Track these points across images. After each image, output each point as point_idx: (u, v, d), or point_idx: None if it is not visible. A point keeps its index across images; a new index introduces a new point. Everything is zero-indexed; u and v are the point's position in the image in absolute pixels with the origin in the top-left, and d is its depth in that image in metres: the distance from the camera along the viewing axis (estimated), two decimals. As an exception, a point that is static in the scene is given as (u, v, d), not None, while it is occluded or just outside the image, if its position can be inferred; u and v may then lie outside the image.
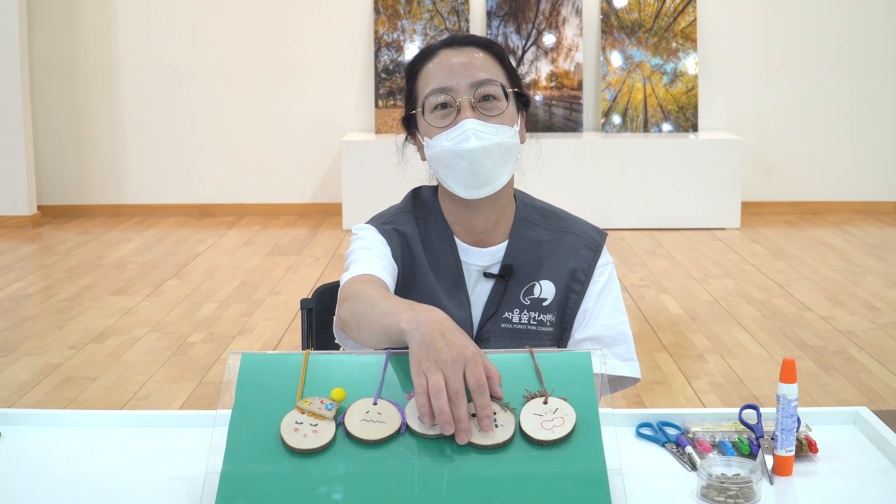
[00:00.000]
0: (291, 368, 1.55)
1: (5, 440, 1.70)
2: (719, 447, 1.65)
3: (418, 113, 1.93)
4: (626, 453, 1.57)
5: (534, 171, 2.05)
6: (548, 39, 7.53)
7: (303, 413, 1.49)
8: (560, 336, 1.95)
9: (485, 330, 1.93)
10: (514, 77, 1.95)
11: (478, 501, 1.40)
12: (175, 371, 4.36)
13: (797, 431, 1.60)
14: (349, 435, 1.47)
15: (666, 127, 7.53)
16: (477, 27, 7.57)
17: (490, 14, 7.53)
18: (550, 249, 1.96)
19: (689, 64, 7.54)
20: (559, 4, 7.51)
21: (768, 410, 1.68)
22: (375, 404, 1.50)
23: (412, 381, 1.48)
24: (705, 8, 7.60)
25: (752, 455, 1.62)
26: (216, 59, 7.62)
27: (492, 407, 1.47)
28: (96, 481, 1.56)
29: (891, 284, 5.72)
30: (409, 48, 7.52)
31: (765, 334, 4.83)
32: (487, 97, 1.88)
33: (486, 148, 1.85)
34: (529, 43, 7.52)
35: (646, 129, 7.53)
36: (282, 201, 7.76)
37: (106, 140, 7.70)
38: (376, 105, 7.55)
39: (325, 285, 2.22)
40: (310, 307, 2.18)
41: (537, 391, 1.52)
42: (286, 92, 7.67)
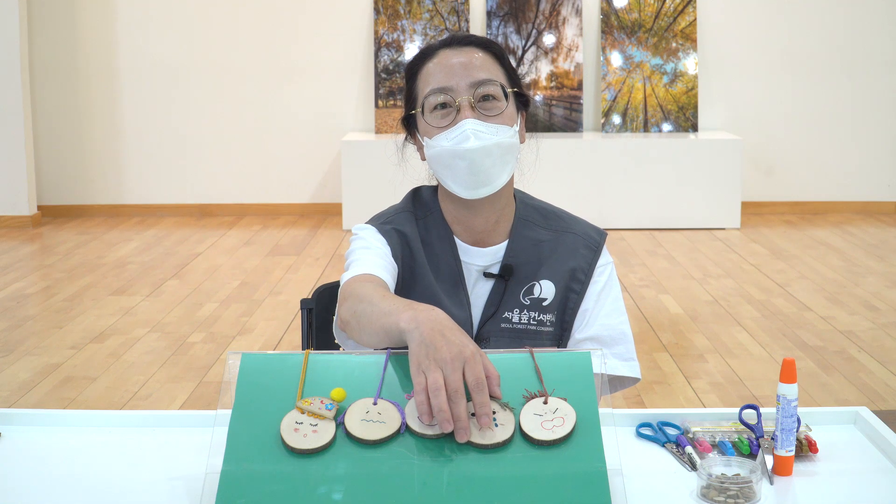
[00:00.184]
0: (291, 368, 1.55)
1: (5, 440, 1.70)
2: (719, 447, 1.65)
3: (418, 113, 1.93)
4: (626, 453, 1.57)
5: (533, 171, 2.04)
6: (548, 39, 7.53)
7: (303, 413, 1.49)
8: (560, 336, 1.95)
9: (485, 330, 1.93)
10: (514, 77, 1.95)
11: (478, 501, 1.40)
12: (175, 371, 4.36)
13: (797, 431, 1.60)
14: (349, 435, 1.47)
15: (666, 127, 7.52)
16: (477, 27, 7.57)
17: (490, 14, 7.53)
18: (550, 249, 1.96)
19: (689, 64, 7.54)
20: (559, 4, 7.51)
21: (768, 410, 1.68)
22: (375, 404, 1.50)
23: (412, 381, 1.48)
24: (705, 8, 7.59)
25: (752, 455, 1.62)
26: (216, 59, 7.62)
27: (491, 406, 1.47)
28: (96, 481, 1.56)
29: (891, 284, 5.72)
30: (409, 48, 7.51)
31: (765, 334, 4.83)
32: (487, 97, 1.88)
33: (486, 148, 1.85)
34: (529, 43, 7.52)
35: (646, 129, 7.53)
36: (282, 201, 7.76)
37: (106, 140, 7.70)
38: (376, 105, 7.55)
39: (325, 285, 2.22)
40: (310, 307, 2.18)
41: (537, 391, 1.52)
42: (286, 92, 7.67)
